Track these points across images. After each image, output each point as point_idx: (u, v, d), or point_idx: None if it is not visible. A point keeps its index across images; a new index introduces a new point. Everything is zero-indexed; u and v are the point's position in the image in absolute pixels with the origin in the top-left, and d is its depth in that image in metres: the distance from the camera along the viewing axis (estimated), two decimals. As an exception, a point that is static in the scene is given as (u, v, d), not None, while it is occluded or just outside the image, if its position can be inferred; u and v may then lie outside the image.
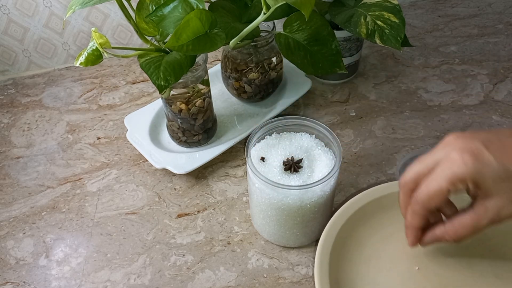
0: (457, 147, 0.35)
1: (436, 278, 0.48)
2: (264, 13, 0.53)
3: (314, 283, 0.47)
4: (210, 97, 0.62)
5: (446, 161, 0.35)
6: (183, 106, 0.59)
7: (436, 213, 0.41)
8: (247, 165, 0.48)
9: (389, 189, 0.53)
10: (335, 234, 0.49)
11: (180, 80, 0.54)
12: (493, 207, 0.35)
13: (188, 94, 0.59)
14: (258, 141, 0.53)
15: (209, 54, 0.81)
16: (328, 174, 0.47)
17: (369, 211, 0.52)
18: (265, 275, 0.53)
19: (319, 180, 0.46)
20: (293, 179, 0.48)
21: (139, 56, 0.53)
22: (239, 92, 0.68)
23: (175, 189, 0.62)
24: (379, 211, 0.52)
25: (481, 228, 0.36)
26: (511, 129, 0.38)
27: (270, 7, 0.51)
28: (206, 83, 0.60)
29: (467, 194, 0.37)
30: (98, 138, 0.69)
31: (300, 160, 0.50)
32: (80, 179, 0.63)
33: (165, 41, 0.55)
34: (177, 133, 0.62)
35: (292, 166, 0.49)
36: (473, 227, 0.37)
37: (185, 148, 0.64)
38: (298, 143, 0.52)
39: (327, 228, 0.50)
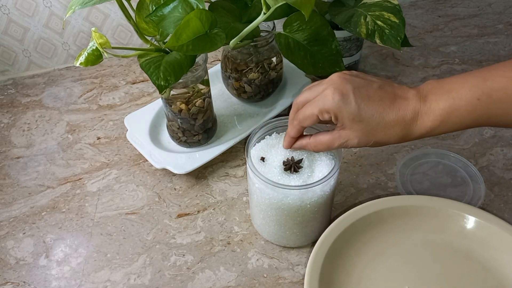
0: (334, 85, 0.44)
1: None
2: (264, 13, 0.53)
3: None
4: (210, 97, 0.62)
5: (322, 94, 0.44)
6: (183, 106, 0.59)
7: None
8: (247, 165, 0.48)
9: (378, 205, 0.53)
10: (324, 253, 0.49)
11: (180, 80, 0.54)
12: (343, 136, 0.45)
13: (188, 94, 0.59)
14: (258, 141, 0.53)
15: (209, 54, 0.81)
16: (328, 174, 0.47)
17: (358, 228, 0.52)
18: (265, 275, 0.53)
19: (319, 180, 0.46)
20: (293, 179, 0.48)
21: (139, 56, 0.53)
22: (239, 92, 0.68)
23: (175, 189, 0.62)
24: (368, 228, 0.52)
25: (333, 147, 0.46)
26: (383, 80, 0.46)
27: (270, 7, 0.51)
28: (206, 83, 0.60)
29: (332, 122, 0.46)
30: (98, 138, 0.69)
31: (300, 160, 0.50)
32: (80, 179, 0.63)
33: (165, 41, 0.55)
34: (177, 133, 0.62)
35: (292, 166, 0.49)
36: (327, 145, 0.46)
37: (185, 148, 0.64)
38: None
39: (316, 247, 0.49)
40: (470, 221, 0.52)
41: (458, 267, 0.50)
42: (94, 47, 0.48)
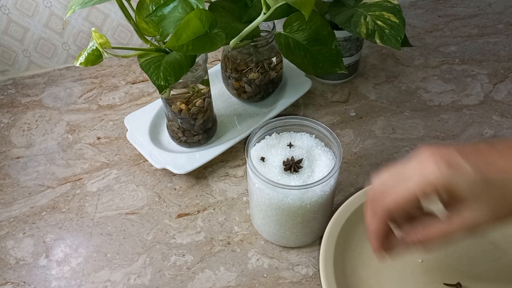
0: (431, 155, 0.33)
1: (440, 269, 0.48)
2: (264, 13, 0.53)
3: (321, 283, 0.47)
4: (210, 97, 0.62)
5: (419, 168, 0.33)
6: (183, 106, 0.59)
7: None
8: (247, 165, 0.48)
9: None
10: (338, 232, 0.50)
11: (180, 80, 0.54)
12: (470, 217, 0.33)
13: (188, 94, 0.59)
14: (258, 141, 0.53)
15: (209, 54, 0.81)
16: (328, 174, 0.47)
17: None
18: (265, 275, 0.53)
19: (319, 180, 0.46)
20: (293, 179, 0.48)
21: (139, 56, 0.53)
22: (239, 92, 0.68)
23: (175, 189, 0.62)
24: None
25: (454, 236, 0.35)
26: (488, 142, 0.35)
27: (270, 7, 0.51)
28: (206, 83, 0.60)
29: (441, 204, 0.36)
30: (98, 138, 0.69)
31: (300, 160, 0.50)
32: (80, 179, 0.63)
33: (165, 41, 0.55)
34: (177, 133, 0.62)
35: (292, 166, 0.49)
36: (446, 237, 0.35)
37: (185, 148, 0.64)
38: (298, 143, 0.52)
39: (329, 227, 0.50)
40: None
41: (469, 247, 0.50)
42: (94, 47, 0.48)
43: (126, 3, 0.51)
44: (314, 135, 0.53)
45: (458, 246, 0.50)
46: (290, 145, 0.52)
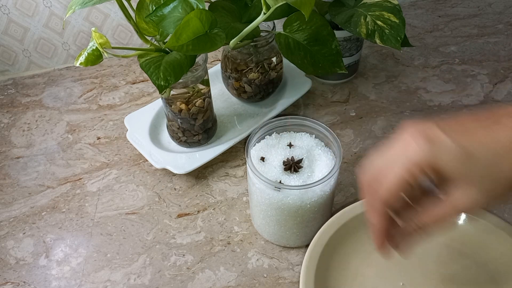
0: (411, 133, 0.32)
1: None
2: (264, 13, 0.53)
3: None
4: (210, 97, 0.62)
5: (401, 149, 0.32)
6: (183, 106, 0.59)
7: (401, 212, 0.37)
8: (247, 165, 0.48)
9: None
10: (320, 252, 0.49)
11: (180, 80, 0.54)
12: (461, 198, 0.32)
13: (188, 94, 0.59)
14: (258, 141, 0.53)
15: (209, 54, 0.81)
16: (328, 174, 0.47)
17: (352, 227, 0.52)
18: (265, 275, 0.53)
19: (319, 180, 0.46)
20: (293, 179, 0.48)
21: (139, 56, 0.53)
22: (239, 92, 0.68)
23: (175, 189, 0.62)
24: (363, 226, 0.52)
25: (451, 218, 0.34)
26: (471, 114, 0.33)
27: (270, 7, 0.51)
28: (206, 83, 0.60)
29: (433, 185, 0.34)
30: (98, 138, 0.69)
31: (300, 160, 0.50)
32: (80, 179, 0.63)
33: (165, 41, 0.55)
34: (177, 133, 0.62)
35: (292, 166, 0.49)
36: (442, 219, 0.34)
37: (185, 148, 0.64)
38: (298, 143, 0.52)
39: (310, 247, 0.49)
40: (463, 218, 0.52)
41: (451, 263, 0.50)
42: (94, 47, 0.48)
43: (126, 3, 0.51)
44: (314, 135, 0.53)
45: (440, 265, 0.50)
46: (290, 145, 0.52)
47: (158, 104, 0.69)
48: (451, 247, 0.52)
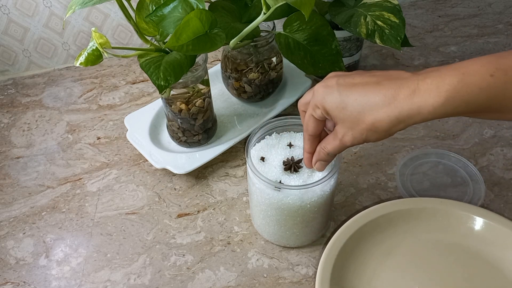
0: (321, 83, 0.42)
1: None
2: (264, 13, 0.53)
3: None
4: (210, 97, 0.62)
5: (313, 94, 0.43)
6: (183, 106, 0.59)
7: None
8: (247, 165, 0.48)
9: (391, 207, 0.53)
10: (334, 258, 0.49)
11: (180, 80, 0.54)
12: (338, 131, 0.42)
13: (188, 94, 0.59)
14: (258, 141, 0.53)
15: (209, 54, 0.81)
16: (328, 174, 0.47)
17: (369, 230, 0.52)
18: (265, 275, 0.53)
19: (319, 180, 0.46)
20: (293, 179, 0.48)
21: (139, 56, 0.53)
22: (239, 92, 0.68)
23: (175, 189, 0.62)
24: (379, 230, 0.52)
25: (335, 147, 0.43)
26: (379, 71, 0.41)
27: (270, 7, 0.51)
28: (206, 83, 0.60)
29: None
30: (98, 138, 0.69)
31: (300, 160, 0.50)
32: (80, 179, 0.63)
33: (165, 41, 0.55)
34: (177, 133, 0.62)
35: (292, 166, 0.49)
36: (331, 146, 0.44)
37: (185, 148, 0.64)
38: (298, 143, 0.52)
39: (327, 249, 0.49)
40: (479, 222, 0.52)
41: (467, 267, 0.50)
42: (94, 47, 0.48)
43: (126, 3, 0.51)
44: (314, 135, 0.53)
45: (454, 268, 0.50)
46: (290, 145, 0.52)
47: (158, 104, 0.69)
48: (468, 252, 0.51)
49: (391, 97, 0.38)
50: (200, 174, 0.63)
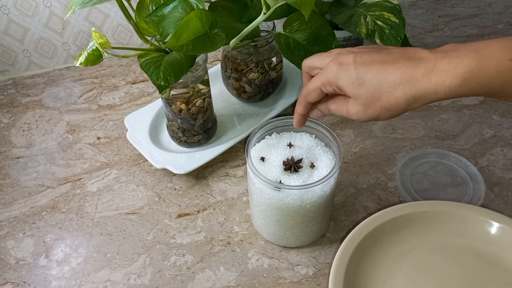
0: (336, 58, 0.42)
1: None
2: (264, 13, 0.53)
3: None
4: (210, 97, 0.62)
5: (325, 68, 0.43)
6: (183, 106, 0.59)
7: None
8: (247, 165, 0.48)
9: (404, 210, 0.53)
10: (348, 257, 0.49)
11: (180, 80, 0.54)
12: (350, 106, 0.42)
13: (188, 94, 0.59)
14: (258, 141, 0.53)
15: (209, 54, 0.81)
16: (328, 174, 0.47)
17: (384, 231, 0.52)
18: (265, 275, 0.53)
19: (319, 180, 0.46)
20: (293, 179, 0.48)
21: (139, 56, 0.53)
22: (239, 92, 0.68)
23: (175, 189, 0.62)
24: (394, 231, 0.52)
25: (341, 114, 0.44)
26: (395, 48, 0.42)
27: (270, 7, 0.51)
28: (206, 83, 0.60)
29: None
30: (98, 138, 0.69)
31: (300, 160, 0.50)
32: (80, 179, 0.63)
33: (165, 41, 0.55)
34: (177, 133, 0.62)
35: (292, 166, 0.49)
36: (340, 114, 0.45)
37: (185, 148, 0.64)
38: (298, 143, 0.52)
39: (340, 250, 0.49)
40: (494, 227, 0.52)
41: (481, 272, 0.50)
42: (94, 47, 0.48)
43: (126, 3, 0.51)
44: (314, 135, 0.53)
45: (469, 272, 0.50)
46: (290, 145, 0.52)
47: (158, 104, 0.69)
48: (482, 256, 0.51)
49: (409, 76, 0.38)
50: (200, 174, 0.63)
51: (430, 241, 0.52)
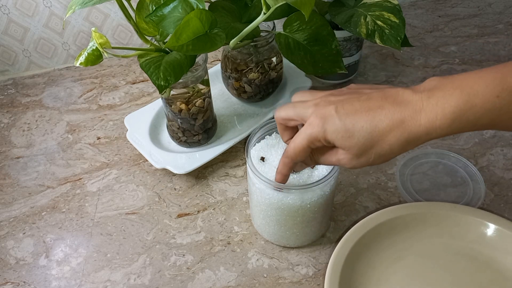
0: (316, 110, 0.41)
1: None
2: (264, 13, 0.53)
3: None
4: (210, 97, 0.62)
5: (307, 124, 0.41)
6: (183, 106, 0.59)
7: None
8: (247, 165, 0.48)
9: (400, 211, 0.53)
10: (344, 257, 0.49)
11: (180, 80, 0.54)
12: (341, 157, 0.41)
13: (188, 94, 0.59)
14: (258, 141, 0.53)
15: (209, 54, 0.81)
16: (328, 174, 0.47)
17: (380, 233, 0.52)
18: (265, 275, 0.53)
19: (319, 180, 0.46)
20: (293, 179, 0.48)
21: (139, 56, 0.53)
22: (239, 92, 0.68)
23: (175, 189, 0.62)
24: (389, 233, 0.52)
25: (333, 164, 0.43)
26: (378, 89, 0.41)
27: (270, 7, 0.51)
28: (206, 83, 0.60)
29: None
30: (98, 138, 0.69)
31: (300, 160, 0.50)
32: (80, 179, 0.63)
33: (165, 41, 0.55)
34: (177, 133, 0.62)
35: (292, 166, 0.49)
36: (328, 163, 0.44)
37: (185, 148, 0.64)
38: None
39: (336, 250, 0.49)
40: (491, 229, 0.51)
41: (477, 273, 0.50)
42: (94, 47, 0.48)
43: (126, 3, 0.51)
44: (314, 135, 0.53)
45: (464, 275, 0.50)
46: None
47: (158, 104, 0.69)
48: (477, 259, 0.51)
49: (398, 121, 0.38)
50: (200, 174, 0.63)
51: (425, 243, 0.52)
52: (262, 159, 0.51)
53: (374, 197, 0.60)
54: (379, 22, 0.60)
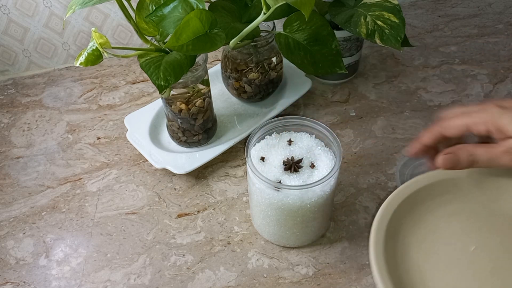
0: (494, 103, 0.41)
1: (492, 259, 0.47)
2: (264, 13, 0.53)
3: (371, 266, 0.45)
4: (210, 97, 0.62)
5: (480, 109, 0.42)
6: (183, 106, 0.59)
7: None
8: (247, 165, 0.48)
9: (447, 174, 0.50)
10: (390, 215, 0.47)
11: (180, 80, 0.54)
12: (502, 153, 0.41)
13: (188, 94, 0.59)
14: (258, 141, 0.53)
15: (209, 54, 0.81)
16: (328, 174, 0.47)
17: (424, 193, 0.50)
18: (265, 275, 0.53)
19: (319, 180, 0.46)
20: (293, 179, 0.48)
21: (139, 56, 0.53)
22: (239, 92, 0.68)
23: (175, 189, 0.62)
24: (448, 190, 0.50)
25: (500, 158, 0.42)
26: None
27: (270, 7, 0.51)
28: (206, 83, 0.60)
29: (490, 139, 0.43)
30: (98, 138, 0.69)
31: (300, 160, 0.50)
32: (80, 179, 0.63)
33: (165, 41, 0.55)
34: (177, 133, 0.62)
35: (292, 166, 0.49)
36: (491, 156, 0.42)
37: (185, 148, 0.64)
38: (298, 143, 0.52)
39: (382, 208, 0.47)
40: None
41: None
42: (94, 47, 0.48)
43: (126, 3, 0.51)
44: (314, 135, 0.53)
45: (509, 236, 0.48)
46: (290, 142, 0.52)
47: (158, 104, 0.69)
48: None
49: None
50: (200, 174, 0.63)
51: (480, 205, 0.50)
52: (262, 159, 0.51)
53: (374, 197, 0.60)
54: (379, 22, 0.60)
